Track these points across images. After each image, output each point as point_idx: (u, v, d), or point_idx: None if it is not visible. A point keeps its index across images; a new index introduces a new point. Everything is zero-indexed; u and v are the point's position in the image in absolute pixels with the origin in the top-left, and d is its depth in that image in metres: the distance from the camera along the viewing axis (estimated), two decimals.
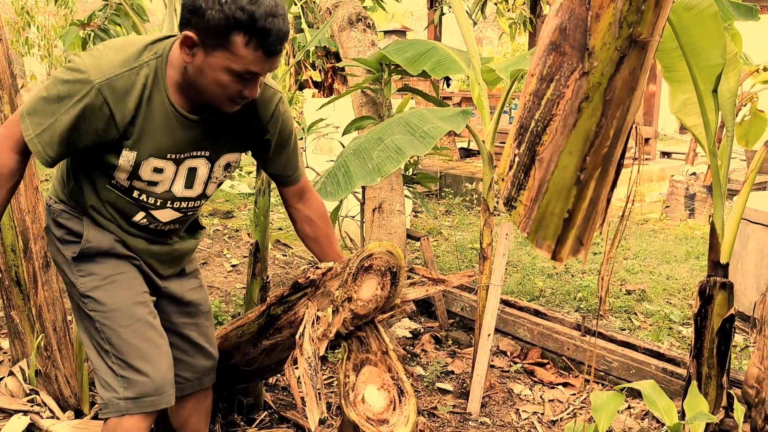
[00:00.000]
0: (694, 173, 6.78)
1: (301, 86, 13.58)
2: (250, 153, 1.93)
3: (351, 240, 4.96)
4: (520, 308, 3.60)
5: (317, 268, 1.80)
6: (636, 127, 0.90)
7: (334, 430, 2.50)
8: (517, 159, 0.88)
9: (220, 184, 1.86)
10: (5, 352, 2.91)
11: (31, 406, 2.44)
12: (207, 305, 2.07)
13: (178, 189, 1.74)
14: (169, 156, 1.67)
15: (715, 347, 2.30)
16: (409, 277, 1.92)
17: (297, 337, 1.69)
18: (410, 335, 3.62)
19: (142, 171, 1.66)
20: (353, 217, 4.84)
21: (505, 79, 2.55)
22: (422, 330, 3.72)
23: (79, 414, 2.54)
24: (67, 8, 9.03)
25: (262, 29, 1.43)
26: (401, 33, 11.16)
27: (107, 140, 1.59)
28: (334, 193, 2.44)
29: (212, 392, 2.14)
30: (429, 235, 4.02)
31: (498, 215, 6.91)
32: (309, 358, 1.65)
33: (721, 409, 2.34)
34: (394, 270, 1.76)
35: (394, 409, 1.69)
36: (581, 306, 4.06)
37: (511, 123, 8.98)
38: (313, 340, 1.67)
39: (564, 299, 4.20)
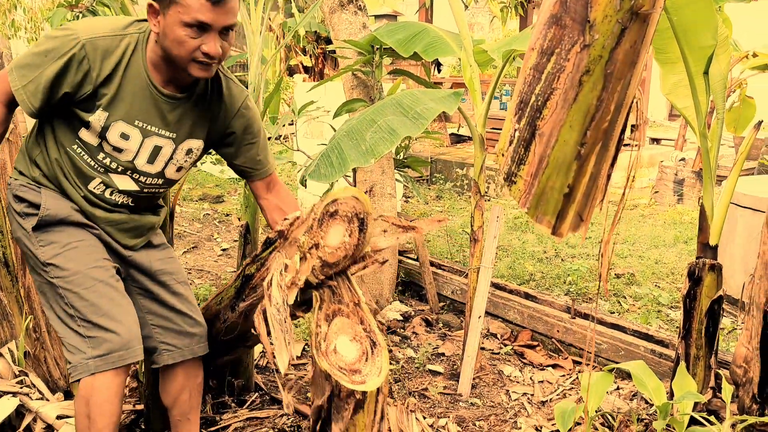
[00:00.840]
0: (683, 159, 6.81)
1: (291, 71, 13.50)
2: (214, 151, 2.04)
3: None
4: (510, 291, 3.62)
5: (285, 219, 1.80)
6: (637, 103, 0.90)
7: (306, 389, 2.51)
8: (517, 134, 0.88)
9: (180, 170, 1.94)
10: None
11: (20, 388, 2.42)
12: (181, 275, 2.11)
13: (141, 162, 1.84)
14: (137, 123, 1.78)
15: (704, 328, 2.33)
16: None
17: (265, 285, 1.70)
18: (401, 318, 3.63)
19: (110, 134, 1.76)
20: None
21: (497, 60, 2.54)
22: (413, 313, 3.73)
23: (68, 396, 2.52)
24: None
25: None
26: (392, 17, 11.08)
27: (81, 95, 1.72)
28: (328, 175, 2.42)
29: (201, 368, 2.14)
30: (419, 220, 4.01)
31: (489, 200, 6.93)
32: (277, 303, 1.65)
33: (709, 389, 2.37)
34: (361, 216, 1.74)
35: (366, 360, 1.68)
36: (571, 289, 4.09)
37: (501, 109, 8.97)
38: (281, 288, 1.66)
39: (554, 283, 4.23)
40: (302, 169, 3.66)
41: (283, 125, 3.44)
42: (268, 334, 1.64)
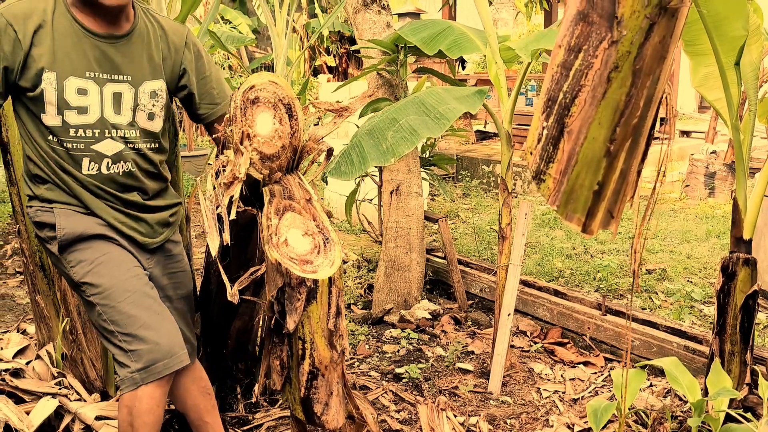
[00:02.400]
0: (714, 151, 6.69)
1: (316, 71, 13.57)
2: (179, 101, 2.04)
3: (369, 223, 4.97)
4: (540, 288, 3.60)
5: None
6: (667, 98, 0.89)
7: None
8: (545, 131, 0.87)
9: (152, 117, 1.93)
10: (31, 337, 2.96)
11: (59, 389, 2.48)
12: (187, 290, 2.12)
13: (109, 113, 1.84)
14: (88, 74, 1.79)
15: (739, 324, 2.29)
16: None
17: (198, 182, 1.74)
18: (430, 316, 3.63)
19: (67, 94, 1.77)
20: (371, 200, 4.84)
21: (525, 58, 2.52)
22: (441, 311, 3.73)
23: (105, 396, 2.57)
24: None
25: None
26: (415, 15, 11.07)
27: (18, 66, 1.74)
28: (348, 173, 2.43)
29: (204, 372, 2.14)
30: (447, 218, 4.01)
31: (516, 197, 6.88)
32: (210, 196, 1.68)
33: (744, 385, 2.33)
34: (286, 102, 1.73)
35: (318, 253, 1.69)
36: (601, 286, 4.05)
37: (527, 105, 8.91)
38: (220, 185, 1.67)
39: (583, 279, 4.19)
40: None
41: (313, 124, 3.47)
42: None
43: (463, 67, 11.90)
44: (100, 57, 1.80)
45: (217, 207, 1.68)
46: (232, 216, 1.67)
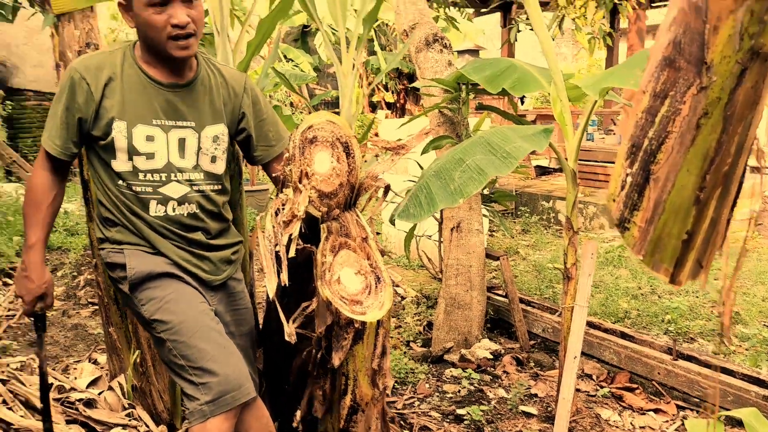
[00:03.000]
0: None
1: (374, 107, 13.77)
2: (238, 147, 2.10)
3: (429, 259, 4.95)
4: (606, 330, 3.49)
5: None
6: (758, 143, 0.87)
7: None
8: (629, 179, 0.86)
9: (215, 160, 1.99)
10: (102, 367, 3.05)
11: (129, 420, 2.53)
12: (249, 326, 2.15)
13: (174, 159, 1.91)
14: (155, 122, 1.87)
15: None
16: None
17: (257, 220, 1.75)
18: (491, 356, 3.56)
19: (136, 141, 1.85)
20: (430, 236, 4.83)
21: (593, 96, 2.50)
22: (503, 351, 3.66)
23: (171, 429, 2.62)
24: None
25: None
26: (474, 52, 11.15)
27: (90, 116, 1.84)
28: (416, 215, 2.44)
29: (266, 409, 2.11)
30: (507, 255, 3.96)
31: (578, 233, 6.75)
32: (269, 235, 1.70)
33: None
34: (344, 141, 1.74)
35: (369, 293, 1.69)
36: (670, 329, 3.89)
37: (588, 140, 8.78)
38: (279, 224, 1.69)
39: (651, 321, 4.04)
40: (387, 204, 3.70)
41: (373, 160, 3.49)
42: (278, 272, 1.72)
43: (522, 102, 11.87)
44: (165, 105, 1.89)
45: (276, 245, 1.72)
46: (291, 254, 1.70)
